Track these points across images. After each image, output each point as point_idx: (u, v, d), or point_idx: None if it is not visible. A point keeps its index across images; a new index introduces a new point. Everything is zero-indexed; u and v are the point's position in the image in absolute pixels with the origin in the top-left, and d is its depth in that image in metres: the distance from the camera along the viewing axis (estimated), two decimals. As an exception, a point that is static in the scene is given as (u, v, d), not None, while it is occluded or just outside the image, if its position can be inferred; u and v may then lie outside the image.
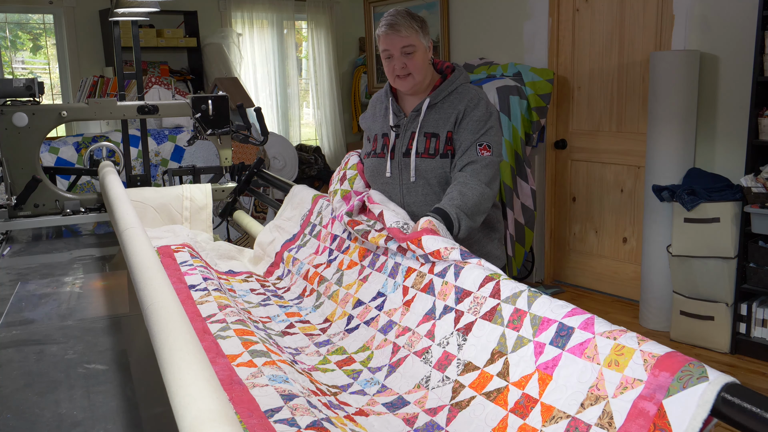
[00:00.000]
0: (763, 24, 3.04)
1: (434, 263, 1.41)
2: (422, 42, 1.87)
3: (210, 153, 4.86)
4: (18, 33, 5.92)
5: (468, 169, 1.82)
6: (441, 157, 1.88)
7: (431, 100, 1.91)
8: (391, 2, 5.46)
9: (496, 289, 1.22)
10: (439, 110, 1.91)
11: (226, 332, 1.35)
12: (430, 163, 1.89)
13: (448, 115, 1.90)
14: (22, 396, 1.13)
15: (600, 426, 0.90)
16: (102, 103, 2.41)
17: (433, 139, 1.89)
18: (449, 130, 1.89)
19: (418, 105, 1.92)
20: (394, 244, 1.57)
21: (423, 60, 1.88)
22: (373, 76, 5.86)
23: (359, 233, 1.70)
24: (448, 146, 1.89)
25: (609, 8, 3.92)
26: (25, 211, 2.34)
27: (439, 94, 1.91)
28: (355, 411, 1.20)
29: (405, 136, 1.93)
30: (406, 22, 1.85)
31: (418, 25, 1.87)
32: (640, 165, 3.84)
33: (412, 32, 1.85)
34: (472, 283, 1.28)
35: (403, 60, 1.86)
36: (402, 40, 1.84)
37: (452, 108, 1.90)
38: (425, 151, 1.90)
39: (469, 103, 1.89)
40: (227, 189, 2.66)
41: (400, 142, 1.94)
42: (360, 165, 2.08)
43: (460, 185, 1.78)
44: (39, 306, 1.58)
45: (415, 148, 1.90)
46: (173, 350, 0.84)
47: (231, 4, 6.48)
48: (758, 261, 3.15)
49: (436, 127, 1.90)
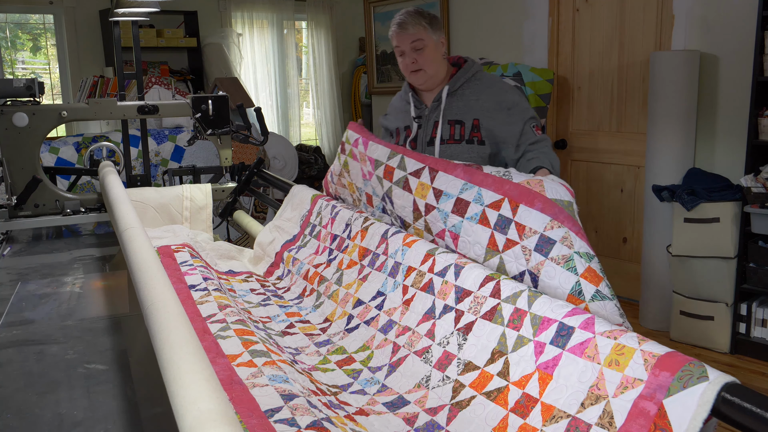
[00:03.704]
0: (763, 24, 3.04)
1: (434, 263, 1.41)
2: (432, 37, 1.95)
3: (210, 153, 4.86)
4: (18, 33, 5.92)
5: (540, 146, 1.90)
6: (467, 142, 1.94)
7: (450, 88, 1.98)
8: (391, 2, 5.46)
9: (496, 289, 1.21)
10: (460, 97, 1.97)
11: (226, 332, 1.35)
12: (456, 148, 1.95)
13: (471, 102, 1.95)
14: (22, 396, 1.13)
15: (600, 426, 0.90)
16: (102, 103, 2.41)
17: (457, 125, 1.95)
18: (476, 118, 1.94)
19: (438, 94, 1.99)
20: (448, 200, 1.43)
21: (433, 54, 1.96)
22: (373, 76, 5.86)
23: (399, 184, 1.60)
24: (474, 133, 1.94)
25: (609, 8, 3.92)
26: (26, 211, 2.34)
27: (456, 81, 1.98)
28: (355, 411, 1.20)
29: (428, 126, 2.00)
30: (413, 19, 1.94)
31: (427, 22, 1.95)
32: (640, 165, 3.84)
33: (420, 29, 1.93)
34: (473, 282, 1.28)
35: (413, 56, 1.95)
36: (410, 37, 1.93)
37: (474, 95, 1.96)
38: (450, 138, 1.96)
39: (492, 89, 1.95)
40: (227, 189, 2.66)
41: (423, 132, 2.01)
42: (353, 123, 1.99)
43: (546, 157, 1.85)
44: (39, 306, 1.58)
45: (439, 135, 1.96)
46: (173, 350, 0.84)
47: (231, 4, 6.48)
48: (758, 261, 3.15)
49: (461, 114, 1.96)
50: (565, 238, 1.20)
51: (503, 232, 1.31)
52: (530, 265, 1.24)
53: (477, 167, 1.45)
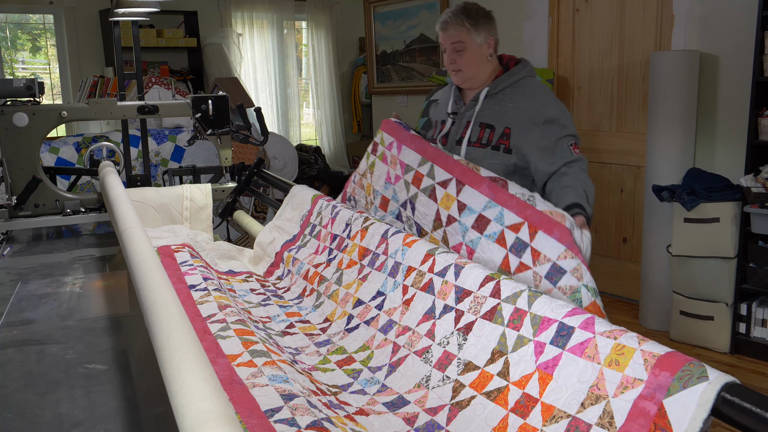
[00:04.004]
0: (763, 24, 3.04)
1: (434, 263, 1.41)
2: (474, 39, 1.91)
3: (210, 153, 4.86)
4: (18, 33, 5.92)
5: (575, 169, 1.82)
6: (492, 148, 1.89)
7: (490, 90, 1.93)
8: (391, 2, 5.46)
9: (496, 289, 1.22)
10: (498, 101, 1.92)
11: (226, 332, 1.35)
12: (480, 152, 1.91)
13: (507, 108, 1.90)
14: (22, 396, 1.13)
15: (600, 426, 0.90)
16: (102, 103, 2.41)
17: (487, 129, 1.91)
18: (507, 126, 1.88)
19: (477, 94, 1.96)
20: (470, 215, 1.45)
21: (474, 56, 1.92)
22: (373, 76, 5.86)
23: (426, 192, 1.62)
24: (502, 140, 1.88)
25: (609, 8, 3.92)
26: (26, 211, 2.34)
27: (498, 84, 1.93)
28: (355, 410, 1.20)
29: (460, 124, 1.97)
30: (456, 20, 1.90)
31: (471, 23, 1.90)
32: (640, 165, 3.84)
33: (462, 30, 1.90)
34: (473, 282, 1.28)
35: (453, 56, 1.92)
36: (450, 38, 1.91)
37: (513, 102, 1.90)
38: (477, 141, 1.92)
39: (534, 100, 1.88)
40: (227, 189, 2.66)
41: (455, 129, 1.98)
42: (386, 122, 1.97)
43: (582, 185, 1.76)
44: (39, 306, 1.58)
45: (468, 136, 1.93)
46: (173, 350, 0.84)
47: (231, 4, 6.48)
48: (758, 261, 3.15)
49: (493, 118, 1.91)
50: (576, 269, 1.24)
51: (518, 255, 1.35)
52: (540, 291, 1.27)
53: (503, 183, 1.48)
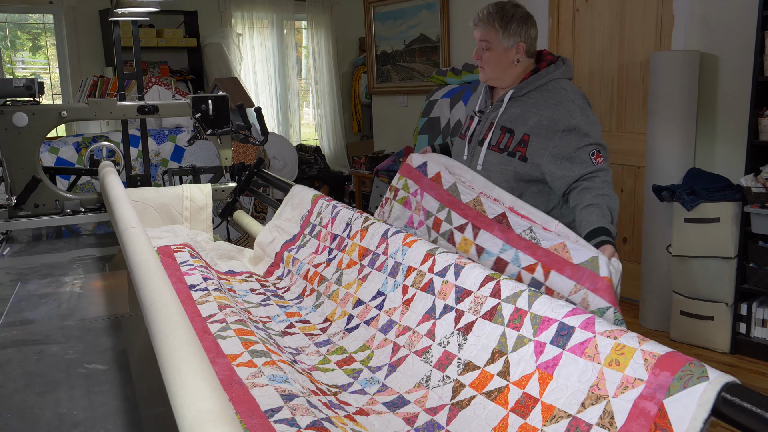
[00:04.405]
0: (763, 24, 3.04)
1: (434, 263, 1.41)
2: (500, 42, 1.89)
3: (210, 153, 4.86)
4: (18, 33, 5.92)
5: (598, 182, 1.76)
6: (508, 154, 1.87)
7: (514, 92, 1.91)
8: (391, 2, 5.46)
9: (496, 289, 1.22)
10: (522, 104, 1.89)
11: (226, 332, 1.35)
12: (496, 157, 1.90)
13: (529, 114, 1.86)
14: (22, 396, 1.13)
15: (601, 426, 0.90)
16: (102, 103, 2.41)
17: (507, 134, 1.89)
18: (526, 133, 1.85)
19: (503, 95, 1.94)
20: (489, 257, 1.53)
21: (498, 59, 1.91)
22: (373, 76, 5.86)
23: (445, 237, 1.70)
24: (519, 147, 1.86)
25: (609, 8, 3.92)
26: (25, 211, 2.34)
27: (523, 87, 1.90)
28: (355, 410, 1.20)
29: (484, 125, 1.97)
30: (487, 19, 1.90)
31: (501, 25, 1.88)
32: (640, 165, 3.83)
33: (490, 30, 1.89)
34: (473, 282, 1.28)
35: (480, 52, 1.93)
36: (479, 35, 1.92)
37: (535, 107, 1.86)
38: (496, 145, 1.91)
39: (558, 107, 1.83)
40: (227, 189, 2.66)
41: (479, 129, 1.98)
42: (405, 167, 1.98)
43: (605, 200, 1.71)
44: (39, 306, 1.58)
45: (489, 138, 1.92)
46: (173, 350, 0.84)
47: (231, 4, 6.48)
48: (758, 261, 3.15)
49: (515, 122, 1.88)
50: (584, 299, 1.31)
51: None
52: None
53: (507, 223, 1.55)
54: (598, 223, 1.64)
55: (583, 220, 1.69)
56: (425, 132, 4.53)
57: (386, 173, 5.05)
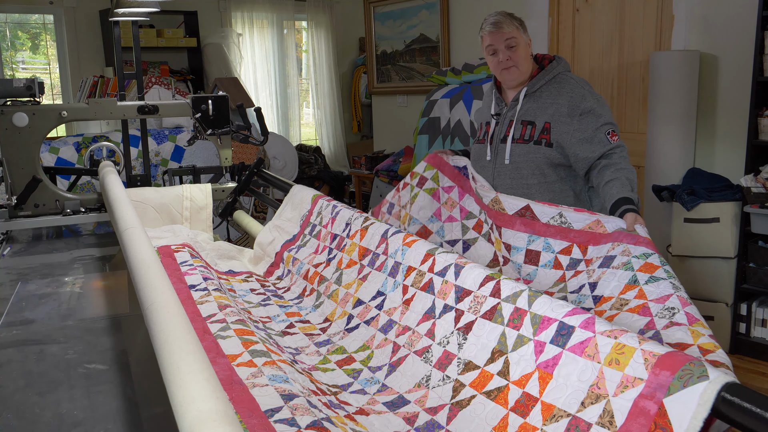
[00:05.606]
0: (763, 24, 3.04)
1: (434, 263, 1.41)
2: (523, 37, 2.08)
3: (210, 153, 4.86)
4: (18, 33, 5.92)
5: (616, 158, 1.93)
6: (534, 143, 2.04)
7: (528, 89, 2.08)
8: (391, 2, 5.46)
9: (496, 289, 1.22)
10: (536, 99, 2.06)
11: (226, 332, 1.35)
12: (523, 147, 2.05)
13: (546, 105, 2.04)
14: (22, 396, 1.13)
15: (601, 425, 0.90)
16: (102, 103, 2.41)
17: (529, 126, 2.06)
18: (547, 121, 2.02)
19: (517, 94, 2.10)
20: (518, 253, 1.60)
21: (525, 53, 2.08)
22: (373, 76, 5.85)
23: (485, 237, 1.80)
24: (543, 135, 2.02)
25: (609, 8, 3.92)
26: (26, 211, 2.34)
27: (536, 83, 2.07)
28: (355, 410, 1.20)
29: (504, 124, 2.12)
30: (507, 20, 2.07)
31: (518, 23, 2.09)
32: (640, 165, 3.83)
33: (514, 28, 2.06)
34: (473, 282, 1.28)
35: (507, 53, 2.06)
36: (505, 35, 2.05)
37: (551, 98, 2.04)
38: (520, 137, 2.06)
39: (572, 94, 2.01)
40: (227, 189, 2.66)
41: (499, 129, 2.13)
42: (435, 158, 2.14)
43: (624, 174, 1.86)
44: (39, 306, 1.58)
45: (511, 134, 2.07)
46: (173, 350, 0.84)
47: (231, 4, 6.48)
48: (758, 261, 3.15)
49: (533, 115, 2.05)
50: (624, 250, 1.36)
51: (572, 269, 1.52)
52: (591, 279, 1.42)
53: (531, 215, 1.63)
54: (619, 194, 1.78)
55: (606, 195, 1.83)
56: (425, 132, 4.53)
57: (386, 173, 5.05)
